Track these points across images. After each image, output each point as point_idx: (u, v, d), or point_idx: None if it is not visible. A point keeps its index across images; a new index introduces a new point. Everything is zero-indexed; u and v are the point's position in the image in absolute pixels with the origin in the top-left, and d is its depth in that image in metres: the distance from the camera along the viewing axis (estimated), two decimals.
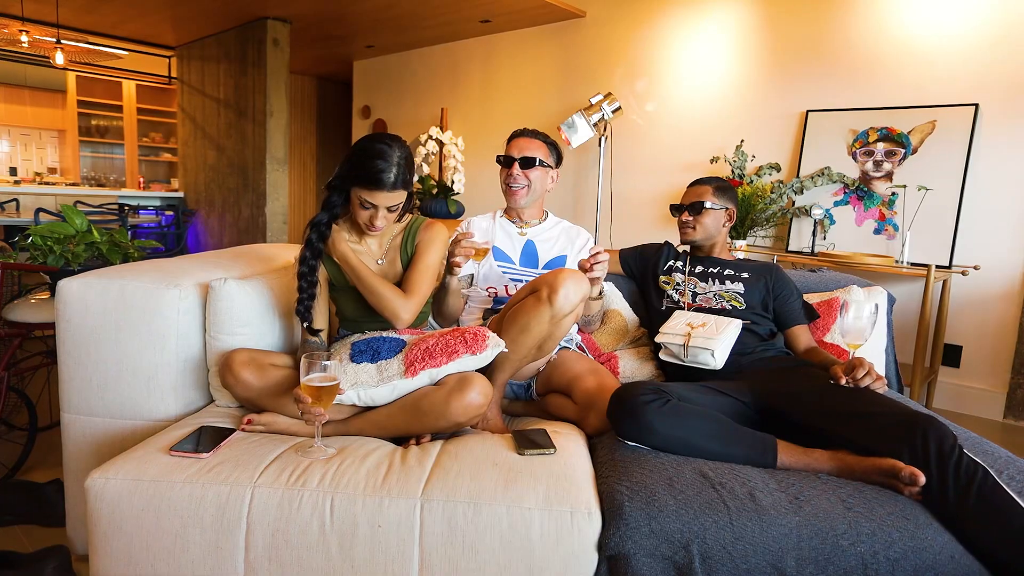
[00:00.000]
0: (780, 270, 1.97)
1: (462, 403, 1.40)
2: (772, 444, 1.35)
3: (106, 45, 5.73)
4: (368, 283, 1.57)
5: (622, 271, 2.20)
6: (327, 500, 1.23)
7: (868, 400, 1.40)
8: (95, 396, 1.58)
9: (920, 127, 3.13)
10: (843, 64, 3.39)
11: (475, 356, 1.47)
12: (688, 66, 3.98)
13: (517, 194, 1.97)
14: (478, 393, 1.41)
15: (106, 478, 1.27)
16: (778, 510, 1.17)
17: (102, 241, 2.28)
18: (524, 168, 1.96)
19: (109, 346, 1.56)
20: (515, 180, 1.96)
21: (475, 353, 1.47)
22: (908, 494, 1.22)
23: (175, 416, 1.60)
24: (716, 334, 1.68)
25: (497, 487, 1.23)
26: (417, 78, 5.70)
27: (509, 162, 1.96)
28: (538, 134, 2.02)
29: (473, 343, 1.48)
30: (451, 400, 1.40)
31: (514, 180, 1.96)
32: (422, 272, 1.64)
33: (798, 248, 3.47)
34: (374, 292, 1.57)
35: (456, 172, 4.28)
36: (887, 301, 2.09)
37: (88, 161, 7.13)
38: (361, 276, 1.57)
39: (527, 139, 1.99)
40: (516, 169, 1.95)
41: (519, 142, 1.99)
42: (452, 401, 1.40)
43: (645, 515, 1.17)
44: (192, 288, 1.63)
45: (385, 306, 1.57)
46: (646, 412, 1.36)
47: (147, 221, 6.06)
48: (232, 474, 1.27)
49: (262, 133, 5.14)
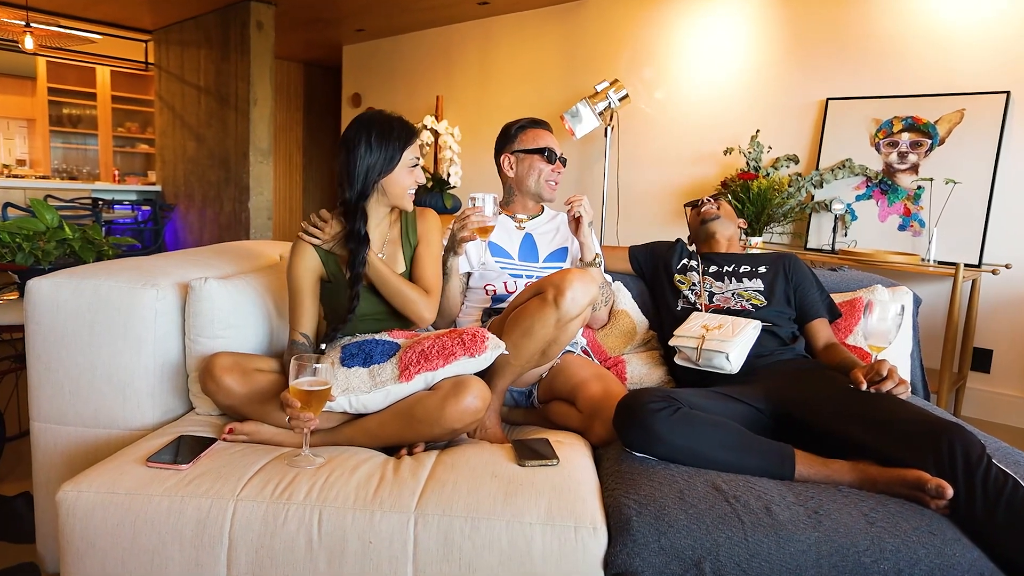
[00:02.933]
0: (797, 258, 1.98)
1: (458, 408, 1.40)
2: (789, 454, 1.35)
3: (78, 28, 5.73)
4: (395, 286, 1.63)
5: (631, 269, 2.21)
6: (314, 514, 1.23)
7: (892, 407, 1.40)
8: (67, 403, 1.58)
9: (948, 116, 3.14)
10: (865, 49, 3.39)
11: (474, 359, 1.47)
12: (700, 51, 3.98)
13: (555, 190, 2.05)
14: (475, 397, 1.42)
15: (79, 491, 1.27)
16: (796, 525, 1.17)
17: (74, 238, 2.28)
18: (564, 164, 2.06)
19: (82, 350, 1.56)
20: (559, 175, 2.04)
21: (474, 355, 1.47)
22: (934, 507, 1.22)
23: (152, 425, 1.60)
24: (732, 336, 1.68)
25: (496, 501, 1.23)
26: (410, 64, 5.70)
27: (553, 157, 2.01)
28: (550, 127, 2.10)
29: (471, 345, 1.48)
30: (446, 405, 1.40)
31: (558, 175, 2.04)
32: (433, 265, 1.73)
33: (817, 245, 3.47)
34: (400, 294, 1.63)
35: (452, 164, 4.28)
36: (913, 302, 2.09)
37: (59, 152, 7.12)
38: (388, 279, 1.63)
39: (551, 133, 2.06)
40: (559, 166, 2.03)
41: (549, 136, 2.05)
42: (447, 406, 1.40)
43: (654, 531, 1.17)
44: (170, 288, 1.63)
45: (411, 308, 1.64)
46: (655, 421, 1.36)
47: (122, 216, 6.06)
48: (213, 487, 1.27)
49: (245, 122, 5.14)
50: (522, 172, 2.02)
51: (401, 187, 1.65)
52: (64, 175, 7.03)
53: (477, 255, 1.97)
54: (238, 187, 5.29)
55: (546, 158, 2.00)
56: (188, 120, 5.85)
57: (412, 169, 1.66)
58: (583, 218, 1.86)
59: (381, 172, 1.62)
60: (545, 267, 2.00)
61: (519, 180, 2.03)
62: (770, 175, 3.51)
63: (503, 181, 2.08)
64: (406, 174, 1.65)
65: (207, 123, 5.60)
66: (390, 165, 1.62)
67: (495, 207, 1.72)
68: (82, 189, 6.07)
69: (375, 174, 1.61)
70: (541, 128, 2.05)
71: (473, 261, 1.97)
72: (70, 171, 7.13)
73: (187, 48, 5.77)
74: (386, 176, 1.63)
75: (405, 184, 1.66)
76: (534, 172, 2.01)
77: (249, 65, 5.05)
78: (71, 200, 5.44)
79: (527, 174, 2.01)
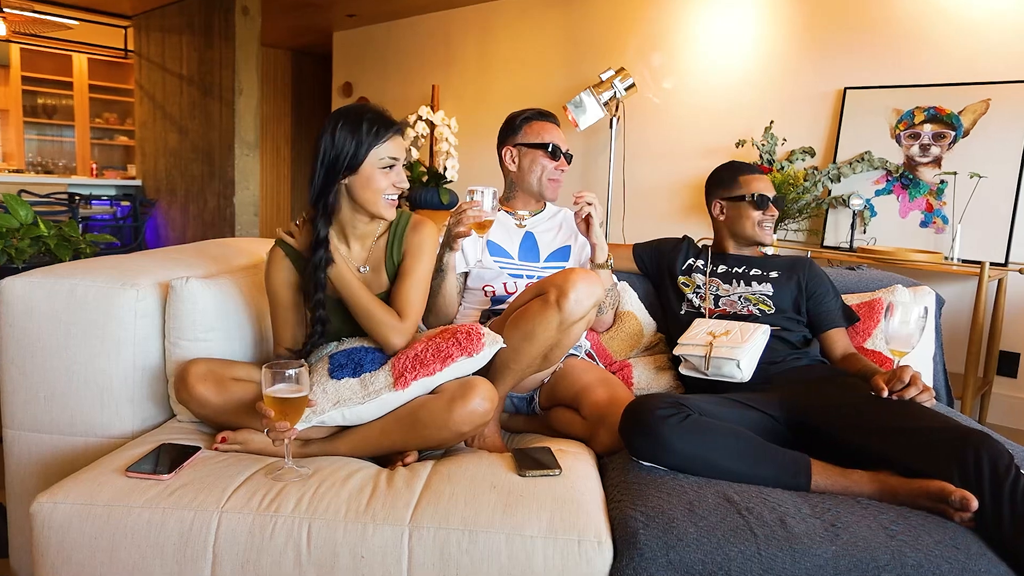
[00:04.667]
0: (814, 264, 1.97)
1: (466, 410, 1.41)
2: (805, 464, 1.35)
3: (54, 14, 5.73)
4: (363, 305, 1.55)
5: (636, 268, 2.20)
6: (303, 527, 1.23)
7: (914, 414, 1.40)
8: (42, 410, 1.58)
9: (972, 106, 3.13)
10: (886, 35, 3.39)
11: (472, 358, 1.48)
12: (711, 37, 3.98)
13: (559, 187, 2.03)
14: (483, 399, 1.42)
15: (54, 502, 1.27)
16: (812, 539, 1.17)
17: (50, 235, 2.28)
18: (569, 161, 2.04)
19: (57, 353, 1.56)
20: (562, 172, 2.02)
21: (471, 354, 1.48)
22: (959, 520, 1.22)
23: (132, 432, 1.60)
24: (742, 342, 1.68)
25: (495, 513, 1.23)
26: (405, 51, 5.70)
27: (558, 153, 2.00)
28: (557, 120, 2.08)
29: (467, 343, 1.48)
30: (454, 407, 1.41)
31: (562, 172, 2.02)
32: (415, 287, 1.60)
33: (835, 243, 3.47)
34: (368, 315, 1.55)
35: (449, 157, 4.28)
36: (935, 303, 2.09)
37: (34, 145, 7.12)
38: (356, 295, 1.55)
39: (558, 127, 2.05)
40: (564, 163, 2.02)
41: (556, 131, 2.03)
42: (455, 408, 1.41)
43: (662, 544, 1.17)
44: (151, 288, 1.63)
45: (378, 332, 1.55)
46: (663, 428, 1.36)
47: (100, 212, 6.06)
48: (196, 498, 1.27)
49: (230, 113, 5.14)
50: (524, 167, 2.01)
51: (372, 191, 1.53)
52: (39, 169, 7.03)
53: (474, 253, 1.96)
54: (223, 181, 5.29)
55: (550, 154, 1.99)
56: (170, 111, 5.85)
57: (387, 171, 1.54)
58: (593, 218, 1.85)
59: (344, 171, 1.51)
60: (547, 267, 2.00)
61: (520, 175, 2.02)
62: (785, 169, 3.51)
63: (504, 175, 2.08)
64: (379, 176, 1.53)
65: (190, 114, 5.60)
66: (354, 162, 1.51)
67: (494, 201, 1.71)
68: (58, 183, 6.06)
69: (336, 173, 1.51)
70: (548, 121, 2.04)
71: (469, 259, 1.96)
72: (45, 165, 7.13)
73: (169, 35, 5.77)
74: (352, 176, 1.53)
75: (378, 187, 1.53)
76: (537, 168, 2.00)
77: (234, 53, 5.04)
78: (46, 195, 5.44)
79: (529, 170, 2.00)
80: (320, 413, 1.45)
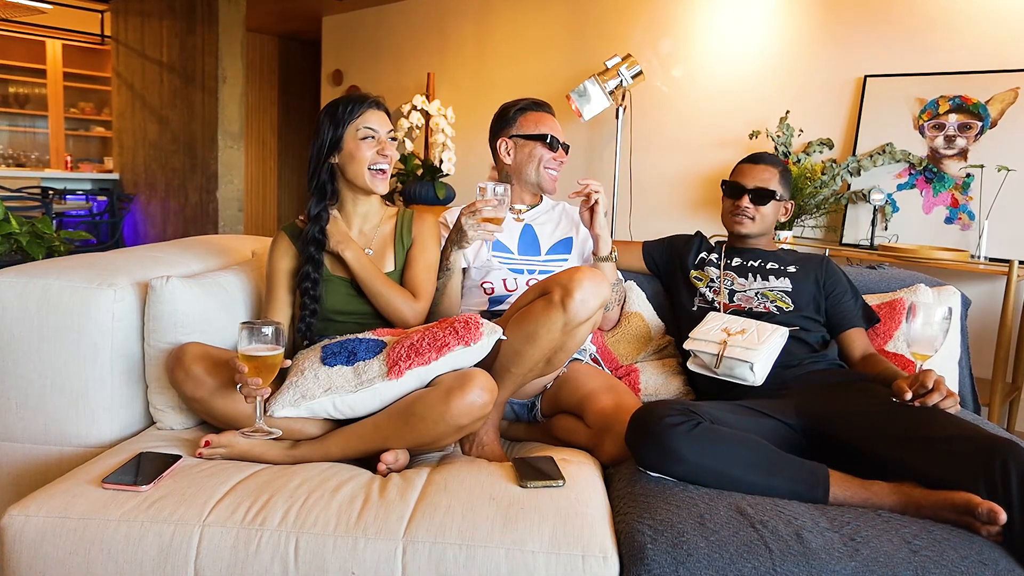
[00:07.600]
0: (832, 262, 1.98)
1: (464, 401, 1.41)
2: (823, 475, 1.35)
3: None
4: (377, 286, 1.71)
5: (645, 267, 2.21)
6: (291, 541, 1.23)
7: (938, 422, 1.40)
8: (13, 417, 1.58)
9: (1000, 95, 3.13)
10: (908, 20, 3.39)
11: (469, 347, 1.50)
12: (723, 22, 3.98)
13: (556, 181, 2.06)
14: (482, 390, 1.43)
15: (26, 515, 1.27)
16: (830, 554, 1.17)
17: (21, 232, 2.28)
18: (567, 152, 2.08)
19: (30, 357, 1.56)
20: (561, 164, 2.06)
21: (468, 344, 1.49)
22: (986, 534, 1.22)
23: (109, 441, 1.60)
24: (757, 344, 1.68)
25: (494, 526, 1.23)
26: (399, 37, 5.71)
27: (556, 144, 2.03)
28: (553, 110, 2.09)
29: (465, 332, 1.50)
30: (451, 399, 1.42)
31: (560, 164, 2.05)
32: (427, 271, 1.81)
33: (854, 240, 3.47)
34: (382, 295, 1.72)
35: (445, 150, 4.28)
36: (961, 303, 2.10)
37: (4, 136, 7.13)
38: (371, 276, 1.71)
39: (554, 117, 2.07)
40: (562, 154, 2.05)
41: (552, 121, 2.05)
42: (452, 400, 1.41)
43: (671, 559, 1.17)
44: (130, 288, 1.63)
45: (394, 309, 1.72)
46: (672, 437, 1.36)
47: (76, 208, 6.06)
48: (177, 510, 1.27)
49: (213, 103, 5.14)
50: (520, 159, 2.02)
51: (357, 162, 1.71)
52: (10, 161, 7.03)
53: (474, 249, 1.98)
54: (205, 175, 5.30)
55: (548, 145, 2.01)
56: (149, 100, 5.85)
57: (367, 141, 1.71)
58: (598, 207, 1.86)
59: (331, 149, 1.71)
60: (548, 260, 2.01)
61: (517, 168, 2.04)
62: (801, 161, 3.51)
63: (499, 168, 2.09)
64: (362, 147, 1.71)
65: (171, 103, 5.60)
66: (336, 139, 1.70)
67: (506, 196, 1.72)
68: (30, 177, 6.07)
69: (324, 152, 1.71)
70: (543, 111, 2.07)
71: (469, 255, 1.98)
72: (16, 157, 7.13)
73: (148, 19, 5.77)
74: (338, 154, 1.72)
75: (361, 158, 1.71)
76: (533, 160, 2.02)
77: (217, 38, 5.05)
78: (18, 189, 5.45)
79: (526, 162, 2.02)
80: (310, 399, 1.46)
